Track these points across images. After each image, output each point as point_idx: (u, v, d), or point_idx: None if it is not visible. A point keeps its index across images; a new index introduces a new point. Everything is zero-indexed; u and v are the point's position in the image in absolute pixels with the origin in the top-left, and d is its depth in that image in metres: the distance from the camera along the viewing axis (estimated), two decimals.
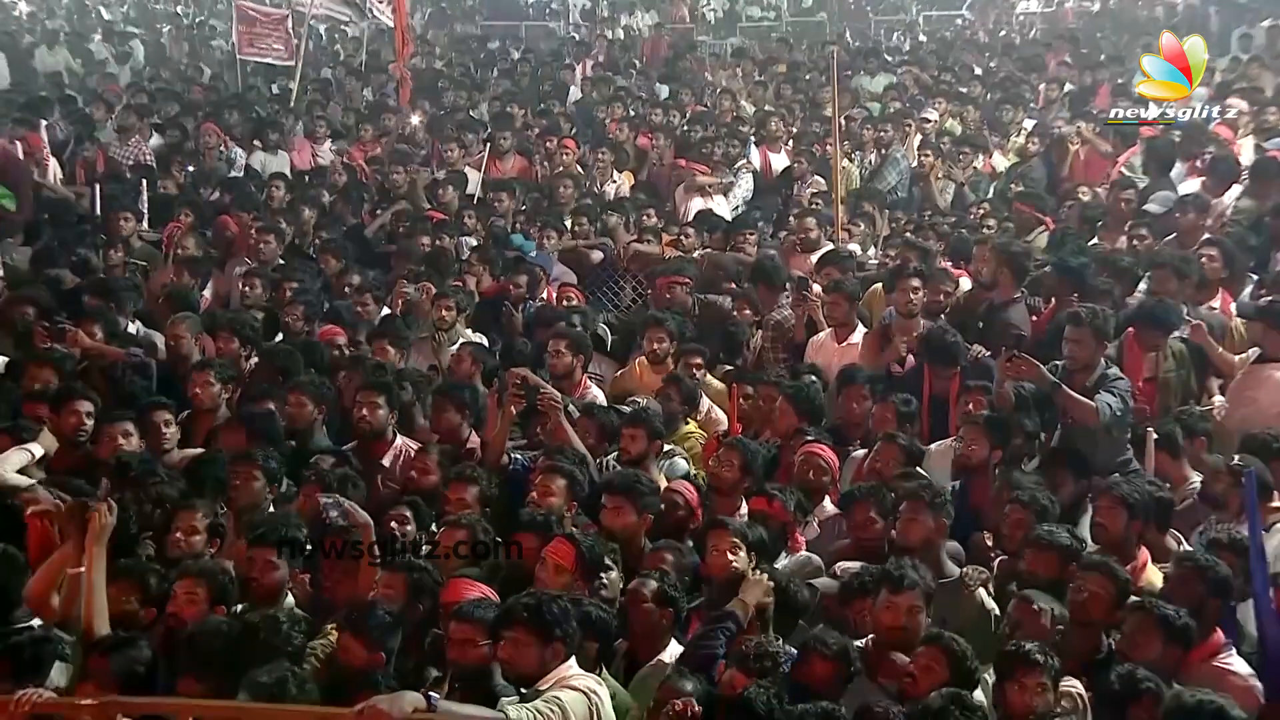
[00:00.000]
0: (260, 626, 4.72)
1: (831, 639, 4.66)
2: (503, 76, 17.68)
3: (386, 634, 4.69)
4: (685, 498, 5.92)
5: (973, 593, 5.27)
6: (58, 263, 9.54)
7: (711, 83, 16.84)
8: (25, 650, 4.50)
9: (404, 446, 6.67)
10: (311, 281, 9.09)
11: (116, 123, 13.30)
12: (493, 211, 10.85)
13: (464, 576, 5.07)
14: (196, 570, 5.10)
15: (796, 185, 11.69)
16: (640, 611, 4.96)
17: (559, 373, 7.33)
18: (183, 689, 4.49)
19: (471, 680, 4.55)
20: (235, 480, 6.01)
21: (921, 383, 7.19)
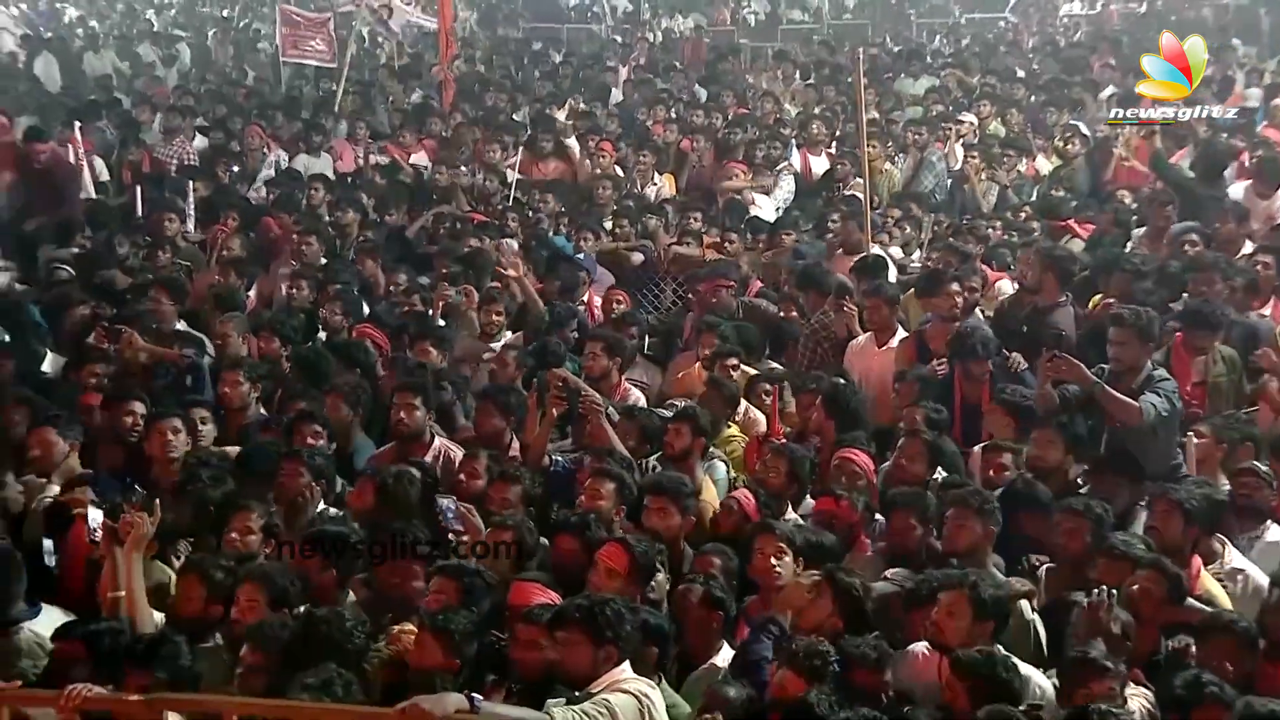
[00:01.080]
0: (324, 624, 4.74)
1: (870, 646, 4.64)
2: (544, 79, 17.72)
3: (467, 640, 4.68)
4: (741, 504, 5.89)
5: (1016, 604, 5.21)
6: (107, 263, 9.67)
7: (753, 85, 16.82)
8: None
9: (443, 447, 6.69)
10: (352, 282, 9.16)
11: (161, 125, 13.44)
12: (533, 212, 10.88)
13: (530, 580, 5.06)
14: (258, 574, 5.12)
15: (838, 188, 11.67)
16: (690, 615, 4.96)
17: (595, 375, 7.34)
18: (245, 685, 4.53)
19: (534, 683, 4.56)
20: (281, 477, 6.05)
21: (953, 388, 7.14)
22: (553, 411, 6.65)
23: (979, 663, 4.42)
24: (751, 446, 6.70)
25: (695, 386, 7.52)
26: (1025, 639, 5.11)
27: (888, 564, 5.61)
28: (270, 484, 6.07)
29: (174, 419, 6.55)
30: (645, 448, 6.61)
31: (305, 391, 7.20)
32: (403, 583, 5.24)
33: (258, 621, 4.83)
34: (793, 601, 4.92)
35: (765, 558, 5.27)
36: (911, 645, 4.91)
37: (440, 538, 5.56)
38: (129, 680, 4.37)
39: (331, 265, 9.59)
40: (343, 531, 5.42)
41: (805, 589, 4.95)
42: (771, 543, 5.29)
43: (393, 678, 4.71)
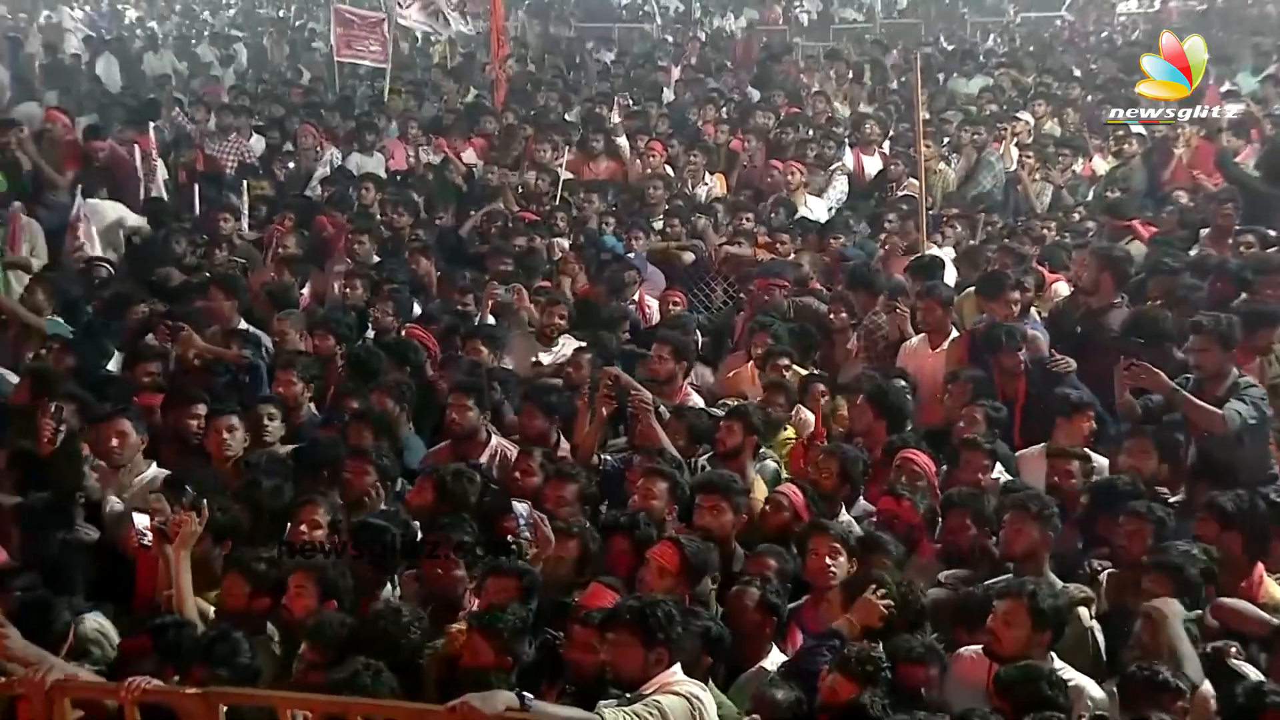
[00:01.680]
0: (381, 620, 4.77)
1: (919, 647, 4.59)
2: (596, 78, 17.75)
3: (518, 638, 4.68)
4: (790, 500, 5.87)
5: (1074, 610, 5.14)
6: (164, 261, 9.79)
7: (805, 84, 16.76)
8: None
9: (499, 447, 6.69)
10: (405, 281, 9.21)
11: (217, 124, 13.59)
12: (578, 211, 10.91)
13: (607, 583, 5.05)
14: (309, 564, 5.16)
15: (891, 188, 11.60)
16: (745, 618, 4.94)
17: (660, 378, 7.32)
18: (306, 681, 4.57)
19: (588, 684, 4.57)
20: (348, 476, 6.08)
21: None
22: (603, 411, 6.64)
23: (1018, 679, 4.37)
24: (798, 448, 6.66)
25: (746, 386, 7.49)
26: (1083, 646, 5.04)
27: (944, 565, 5.57)
28: (328, 481, 6.11)
29: (231, 417, 6.60)
30: (695, 447, 6.59)
31: (357, 389, 7.24)
32: (446, 580, 5.24)
33: (318, 618, 4.86)
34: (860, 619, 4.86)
35: (819, 558, 5.25)
36: (961, 649, 4.86)
37: (496, 538, 5.56)
38: (190, 674, 4.42)
39: (385, 264, 9.66)
40: (385, 527, 5.44)
41: (880, 612, 4.86)
42: (825, 543, 5.26)
43: (446, 675, 4.72)
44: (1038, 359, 7.18)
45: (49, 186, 11.22)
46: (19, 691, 4.18)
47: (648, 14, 25.33)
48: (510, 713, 3.90)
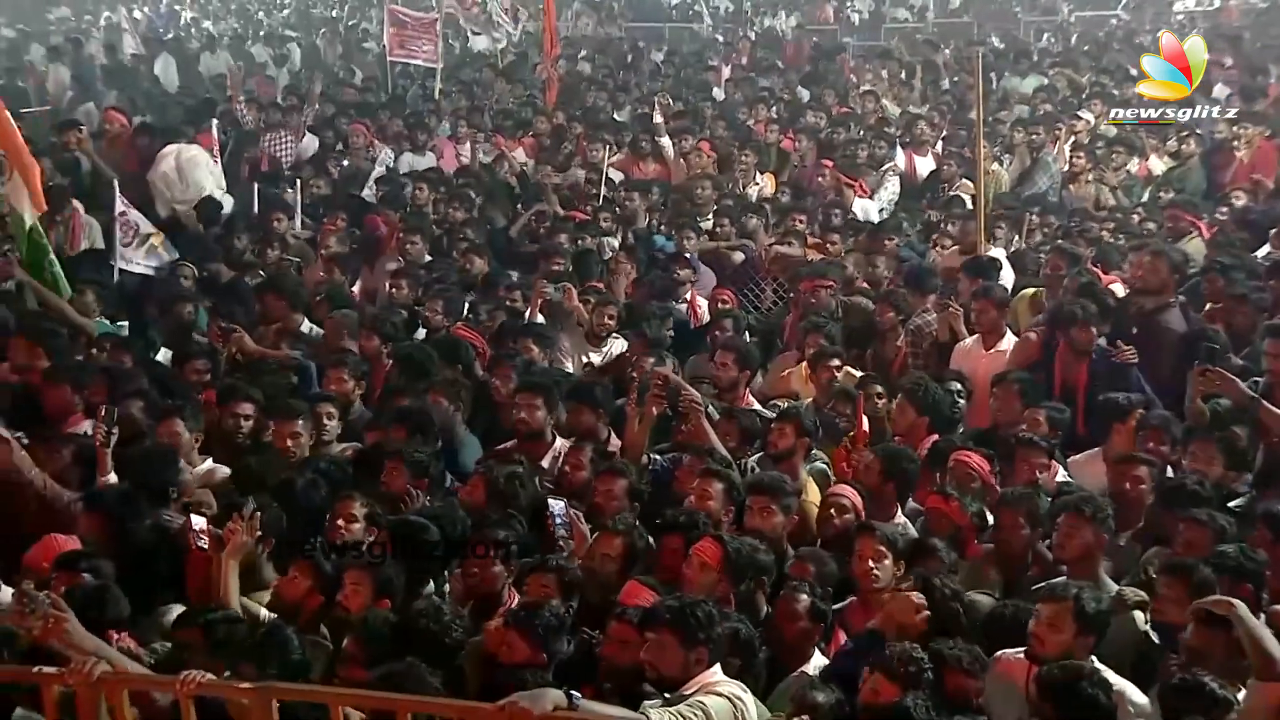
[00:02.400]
0: (422, 618, 4.79)
1: (963, 654, 4.55)
2: (646, 78, 17.75)
3: (554, 636, 4.69)
4: (851, 501, 5.84)
5: (1129, 613, 5.09)
6: (214, 258, 9.89)
7: (856, 84, 16.69)
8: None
9: (563, 448, 6.63)
10: (456, 281, 9.24)
11: (266, 122, 13.69)
12: (619, 209, 10.91)
13: (644, 581, 5.06)
14: (364, 562, 5.18)
15: (943, 188, 11.52)
16: (792, 624, 4.91)
17: (723, 385, 7.30)
18: (348, 676, 4.60)
19: (623, 682, 4.56)
20: (385, 476, 6.09)
21: (1052, 369, 7.00)
22: (652, 410, 6.64)
23: (1061, 679, 4.30)
24: (840, 450, 6.63)
25: (797, 386, 7.45)
26: (1133, 650, 4.97)
27: (995, 565, 5.51)
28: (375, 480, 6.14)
29: (296, 421, 6.61)
30: (746, 448, 6.57)
31: (407, 388, 7.27)
32: (485, 578, 5.25)
33: (361, 613, 4.89)
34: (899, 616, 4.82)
35: (864, 561, 5.21)
36: (1001, 652, 4.80)
37: (541, 538, 5.58)
38: (240, 669, 4.44)
39: (436, 263, 9.70)
40: (425, 525, 5.45)
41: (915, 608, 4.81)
42: (872, 545, 5.22)
43: (484, 672, 4.74)
44: (1101, 350, 7.07)
45: (106, 186, 11.37)
46: (68, 683, 4.22)
47: (698, 14, 25.29)
48: (559, 712, 3.90)
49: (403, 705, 4.06)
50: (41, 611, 4.32)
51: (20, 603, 4.38)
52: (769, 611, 5.13)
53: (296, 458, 6.43)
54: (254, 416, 6.79)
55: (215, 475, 6.48)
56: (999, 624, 4.93)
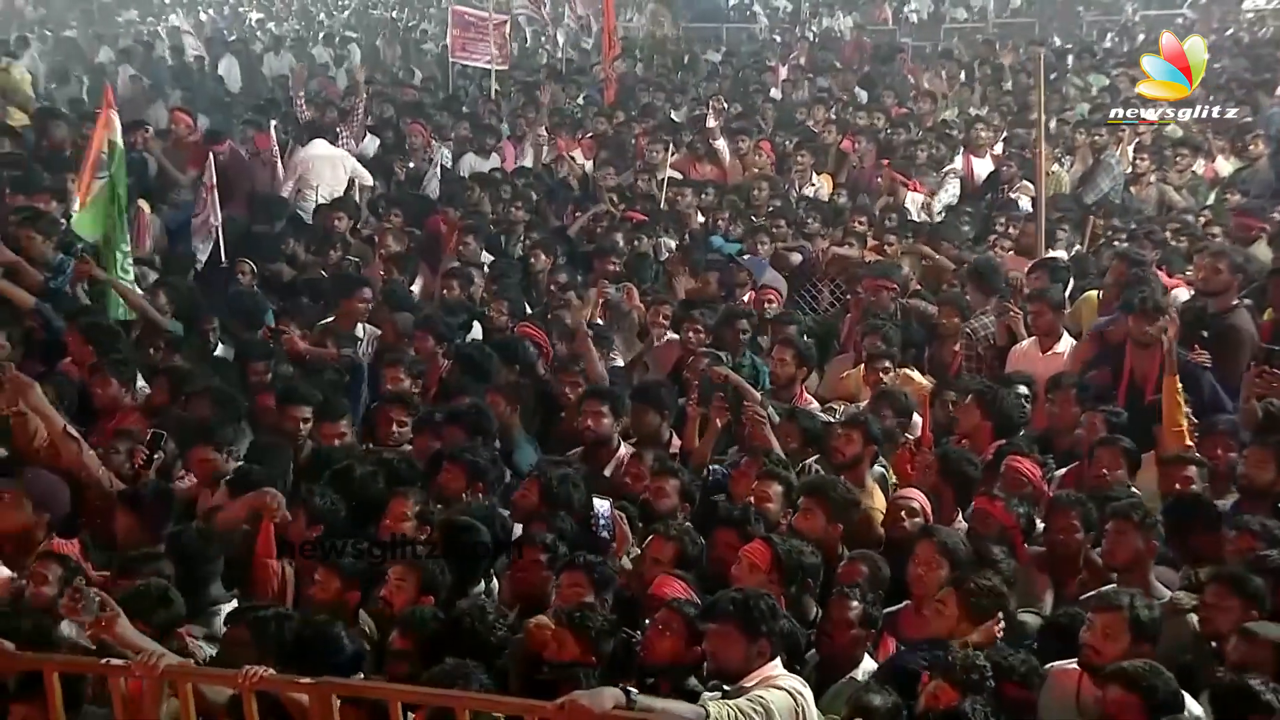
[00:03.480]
0: (467, 616, 4.82)
1: (1020, 661, 4.51)
2: (704, 79, 17.73)
3: (605, 638, 4.69)
4: (919, 504, 5.81)
5: (1183, 618, 5.02)
6: (275, 257, 10.00)
7: (914, 85, 16.57)
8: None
9: (627, 455, 6.61)
10: (516, 280, 9.28)
11: (325, 122, 13.79)
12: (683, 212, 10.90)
13: (677, 576, 5.09)
14: (410, 559, 5.22)
15: (1003, 190, 11.41)
16: (843, 631, 4.89)
17: (780, 382, 7.30)
18: (394, 672, 4.65)
19: (667, 675, 4.58)
20: (441, 477, 6.10)
21: (1122, 360, 6.92)
22: (716, 422, 6.65)
23: (1143, 673, 4.21)
24: (904, 453, 6.60)
25: (855, 389, 7.42)
26: (1187, 656, 4.89)
27: (1045, 569, 5.46)
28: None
29: (340, 422, 6.69)
30: (807, 450, 6.55)
31: (466, 388, 7.31)
32: (532, 578, 5.29)
33: (410, 609, 4.94)
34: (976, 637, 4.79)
35: (920, 566, 5.19)
36: (1051, 663, 4.76)
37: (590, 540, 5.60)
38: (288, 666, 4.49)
39: (497, 263, 9.74)
40: (473, 525, 5.48)
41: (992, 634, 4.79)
42: (930, 551, 5.20)
43: (531, 671, 4.75)
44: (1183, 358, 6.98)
45: (171, 186, 11.56)
46: (135, 675, 4.29)
47: (756, 14, 25.24)
48: (617, 710, 3.92)
49: (462, 703, 4.08)
50: (94, 610, 4.42)
51: (73, 599, 4.48)
52: (818, 614, 5.12)
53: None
54: (312, 419, 6.82)
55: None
56: (1055, 633, 4.90)
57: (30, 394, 6.23)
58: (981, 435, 6.64)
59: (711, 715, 4.07)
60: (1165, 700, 4.18)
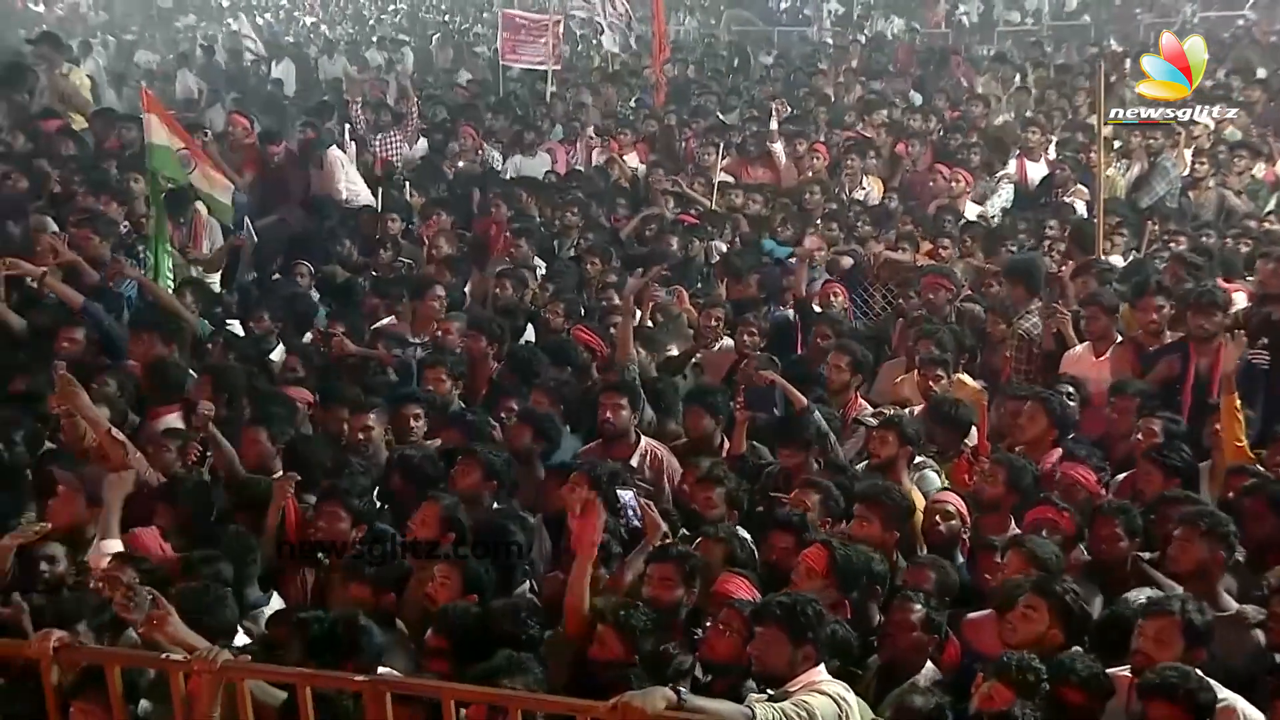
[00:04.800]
0: (498, 613, 4.87)
1: (1083, 665, 4.46)
2: (756, 81, 17.70)
3: (646, 633, 4.74)
4: (956, 509, 5.78)
5: (1251, 631, 4.94)
6: (329, 259, 10.09)
7: (968, 88, 16.45)
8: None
9: (649, 448, 6.69)
10: (570, 282, 9.30)
11: (377, 123, 13.87)
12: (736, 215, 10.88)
13: (740, 574, 5.11)
14: (455, 558, 5.25)
15: (1057, 194, 11.30)
16: (904, 634, 4.88)
17: (835, 388, 7.30)
18: (430, 669, 4.68)
19: (724, 674, 4.59)
20: (455, 474, 6.13)
21: (1186, 359, 6.85)
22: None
23: (1173, 683, 4.16)
24: (962, 461, 6.55)
25: (908, 393, 7.39)
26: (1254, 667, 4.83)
27: (1088, 575, 5.41)
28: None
29: (369, 414, 6.75)
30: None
31: (515, 389, 7.34)
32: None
33: (444, 606, 4.97)
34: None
35: (980, 573, 5.15)
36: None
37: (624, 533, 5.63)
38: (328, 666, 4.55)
39: (552, 266, 9.76)
40: (508, 527, 5.52)
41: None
42: (988, 559, 5.16)
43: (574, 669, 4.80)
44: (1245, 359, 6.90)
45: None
46: (193, 669, 4.34)
47: (808, 17, 25.17)
48: (669, 710, 3.92)
49: (515, 701, 4.10)
50: (146, 609, 4.50)
51: (125, 597, 4.55)
52: (881, 620, 5.10)
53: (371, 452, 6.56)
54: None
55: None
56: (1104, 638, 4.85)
57: (74, 397, 6.33)
58: (1045, 442, 6.57)
59: (758, 716, 4.08)
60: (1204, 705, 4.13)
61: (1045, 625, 4.72)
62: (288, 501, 5.83)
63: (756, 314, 8.32)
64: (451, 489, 6.00)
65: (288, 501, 5.83)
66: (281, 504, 5.80)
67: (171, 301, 8.42)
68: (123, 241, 9.45)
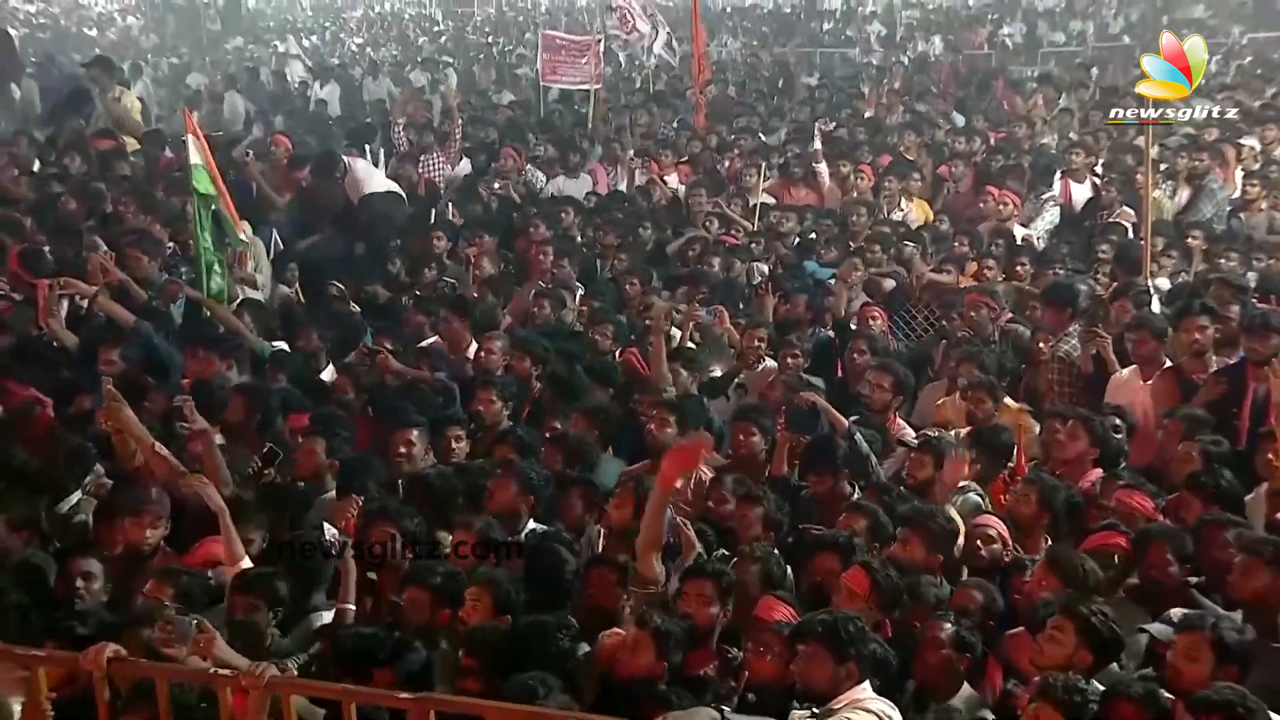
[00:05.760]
0: (527, 628, 4.88)
1: (1137, 686, 4.41)
2: (800, 103, 17.73)
3: (677, 644, 4.75)
4: (998, 532, 5.75)
5: None
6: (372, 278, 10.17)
7: (1010, 110, 16.39)
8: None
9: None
10: (611, 304, 9.33)
11: (419, 144, 13.98)
12: (779, 236, 10.88)
13: (779, 596, 5.12)
14: (484, 578, 5.25)
15: (1102, 216, 11.23)
16: (935, 654, 4.85)
17: (876, 407, 7.27)
18: (463, 688, 4.68)
19: (770, 694, 4.59)
20: (491, 491, 6.13)
21: (1244, 382, 6.78)
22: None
23: (1229, 701, 4.07)
24: (999, 482, 6.51)
25: (950, 416, 7.35)
26: None
27: (1136, 600, 5.36)
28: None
29: (411, 430, 6.77)
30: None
31: (557, 410, 7.38)
32: (603, 591, 5.32)
33: (475, 625, 4.98)
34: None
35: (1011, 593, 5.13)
36: None
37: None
38: (375, 677, 4.60)
39: (592, 287, 9.80)
40: (558, 548, 5.52)
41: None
42: (1019, 579, 5.14)
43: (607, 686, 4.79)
44: None
45: (268, 207, 11.84)
46: (242, 685, 4.38)
47: (851, 38, 25.20)
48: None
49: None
50: (190, 636, 4.56)
51: (164, 632, 4.60)
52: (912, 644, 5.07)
53: (409, 469, 6.60)
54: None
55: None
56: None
57: (120, 414, 6.42)
58: (1083, 464, 6.52)
59: None
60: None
61: (1072, 648, 4.66)
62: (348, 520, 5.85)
63: (800, 335, 8.33)
64: (488, 506, 6.03)
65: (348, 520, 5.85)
66: (343, 522, 5.82)
67: (233, 321, 8.51)
68: (167, 262, 9.58)
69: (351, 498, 6.12)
